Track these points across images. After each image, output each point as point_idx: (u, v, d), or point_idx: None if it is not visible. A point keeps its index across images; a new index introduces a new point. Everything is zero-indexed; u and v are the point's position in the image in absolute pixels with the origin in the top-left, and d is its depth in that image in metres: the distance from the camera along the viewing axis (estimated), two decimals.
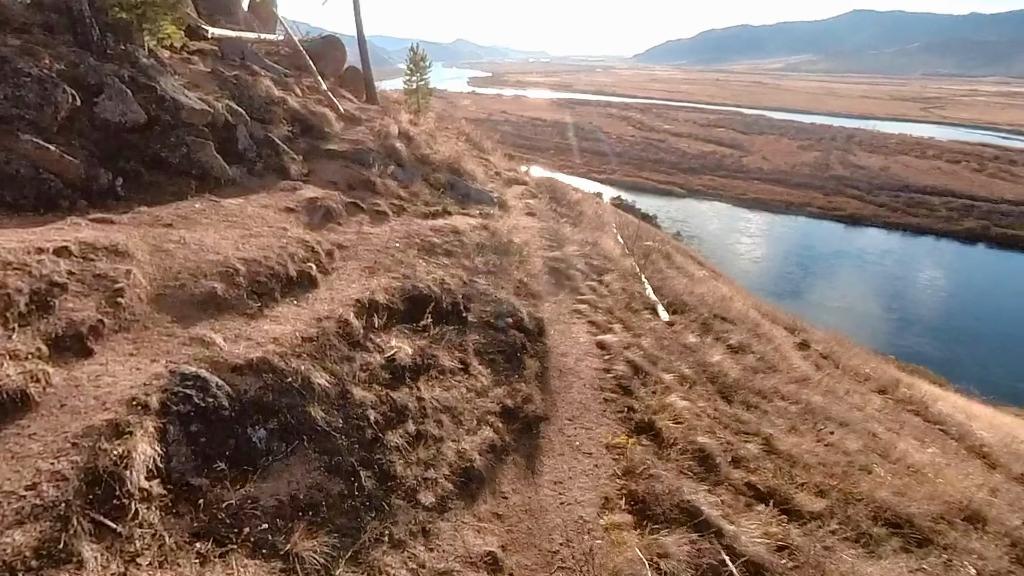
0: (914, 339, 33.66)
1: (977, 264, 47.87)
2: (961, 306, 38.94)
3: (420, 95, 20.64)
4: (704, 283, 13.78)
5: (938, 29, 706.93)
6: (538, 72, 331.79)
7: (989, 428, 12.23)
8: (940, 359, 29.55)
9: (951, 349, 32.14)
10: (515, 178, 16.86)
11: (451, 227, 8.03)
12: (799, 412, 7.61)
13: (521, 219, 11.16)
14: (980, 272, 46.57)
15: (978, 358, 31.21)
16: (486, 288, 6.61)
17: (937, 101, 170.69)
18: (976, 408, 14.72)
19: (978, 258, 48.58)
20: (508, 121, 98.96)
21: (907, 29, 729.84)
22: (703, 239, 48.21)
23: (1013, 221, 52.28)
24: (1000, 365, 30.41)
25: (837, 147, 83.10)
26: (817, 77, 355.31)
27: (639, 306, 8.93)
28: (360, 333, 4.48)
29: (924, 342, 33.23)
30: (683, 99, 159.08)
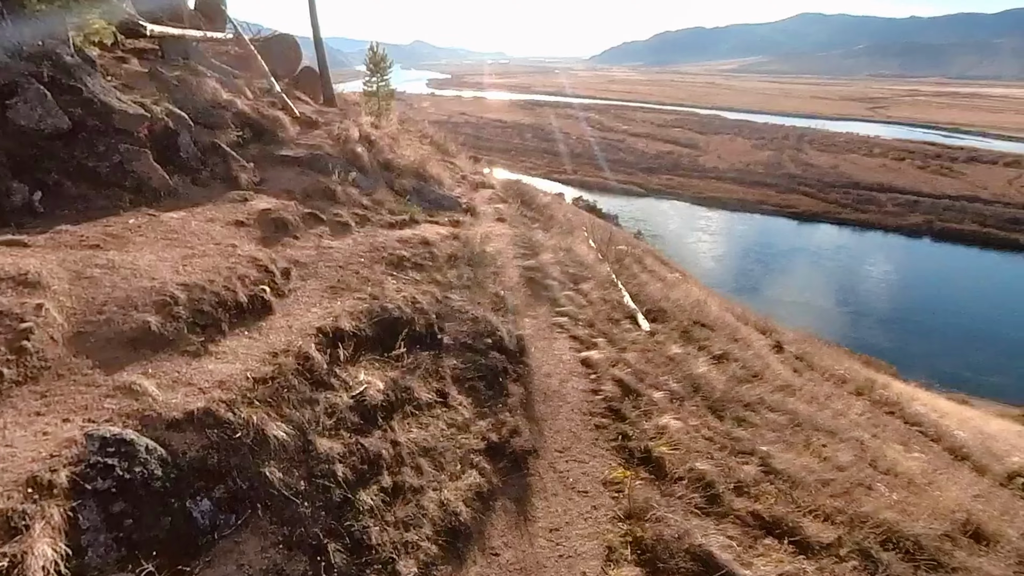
0: (866, 331, 34.61)
1: (923, 257, 49.71)
2: (910, 298, 40.29)
3: (381, 97, 19.92)
4: (678, 287, 13.54)
5: (881, 32, 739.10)
6: (497, 73, 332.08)
7: (960, 425, 12.34)
8: (891, 349, 30.40)
9: (901, 339, 33.13)
10: (482, 182, 16.34)
11: (420, 237, 7.47)
12: (788, 423, 7.33)
13: (492, 225, 10.65)
14: (926, 265, 48.38)
15: (927, 347, 32.25)
16: (461, 305, 6.08)
17: (882, 101, 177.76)
18: (943, 403, 14.93)
19: (924, 251, 50.46)
20: (469, 123, 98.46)
21: (852, 32, 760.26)
22: (665, 238, 48.71)
23: (955, 216, 54.52)
24: (947, 353, 31.46)
25: (789, 146, 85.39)
26: (769, 78, 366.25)
27: (619, 315, 8.53)
28: (323, 368, 3.89)
29: (876, 333, 34.20)
30: (640, 100, 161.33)
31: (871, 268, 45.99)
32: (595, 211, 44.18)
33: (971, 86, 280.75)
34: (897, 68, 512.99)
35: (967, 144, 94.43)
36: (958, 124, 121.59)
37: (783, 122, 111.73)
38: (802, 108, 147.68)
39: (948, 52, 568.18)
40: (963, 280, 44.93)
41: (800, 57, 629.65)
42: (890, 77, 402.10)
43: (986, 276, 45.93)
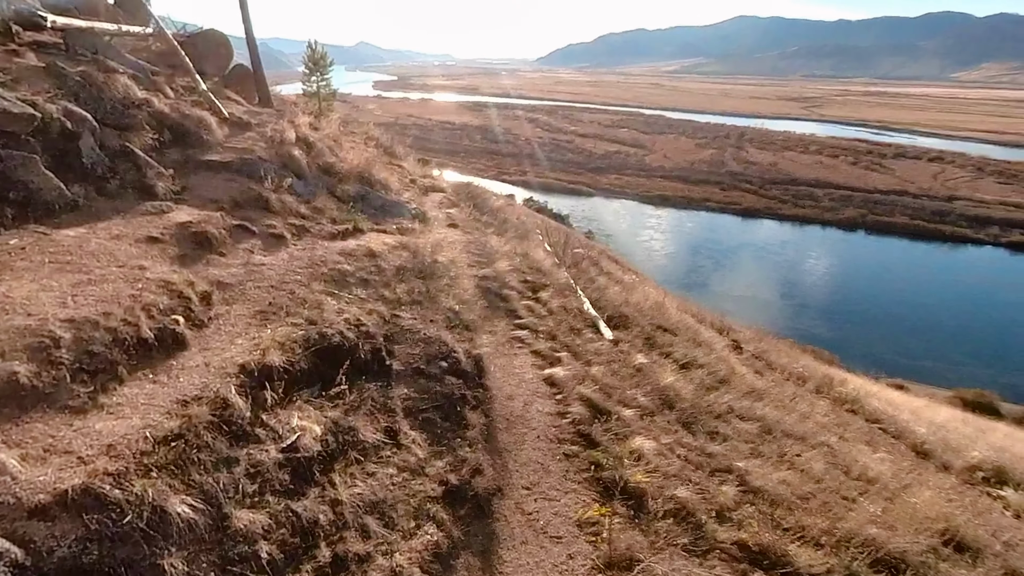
0: (809, 321, 35.77)
1: (859, 249, 51.94)
2: (848, 289, 41.97)
3: (322, 98, 18.96)
4: (636, 289, 13.29)
5: (812, 34, 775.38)
6: (444, 75, 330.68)
7: (914, 417, 12.53)
8: (832, 339, 31.46)
9: (841, 329, 34.38)
10: (432, 185, 15.70)
11: (365, 249, 6.82)
12: (759, 431, 7.07)
13: (444, 232, 10.07)
14: (862, 257, 50.58)
15: (864, 336, 33.57)
16: (413, 324, 5.49)
17: (815, 101, 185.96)
18: (893, 395, 15.25)
19: (859, 244, 52.73)
20: (416, 125, 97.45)
21: (786, 34, 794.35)
22: (617, 237, 49.17)
23: (886, 209, 57.33)
24: (883, 341, 32.81)
25: (731, 145, 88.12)
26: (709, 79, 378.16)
27: (580, 324, 8.12)
28: (246, 417, 3.25)
29: (818, 324, 35.38)
30: (587, 101, 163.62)
31: (812, 261, 47.71)
32: (547, 212, 44.08)
33: (897, 86, 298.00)
34: (829, 69, 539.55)
35: (895, 141, 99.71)
36: (886, 122, 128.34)
37: (724, 121, 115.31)
38: (742, 108, 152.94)
39: (875, 54, 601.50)
40: (896, 270, 47.16)
41: (738, 59, 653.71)
42: (822, 78, 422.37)
43: (916, 266, 48.32)
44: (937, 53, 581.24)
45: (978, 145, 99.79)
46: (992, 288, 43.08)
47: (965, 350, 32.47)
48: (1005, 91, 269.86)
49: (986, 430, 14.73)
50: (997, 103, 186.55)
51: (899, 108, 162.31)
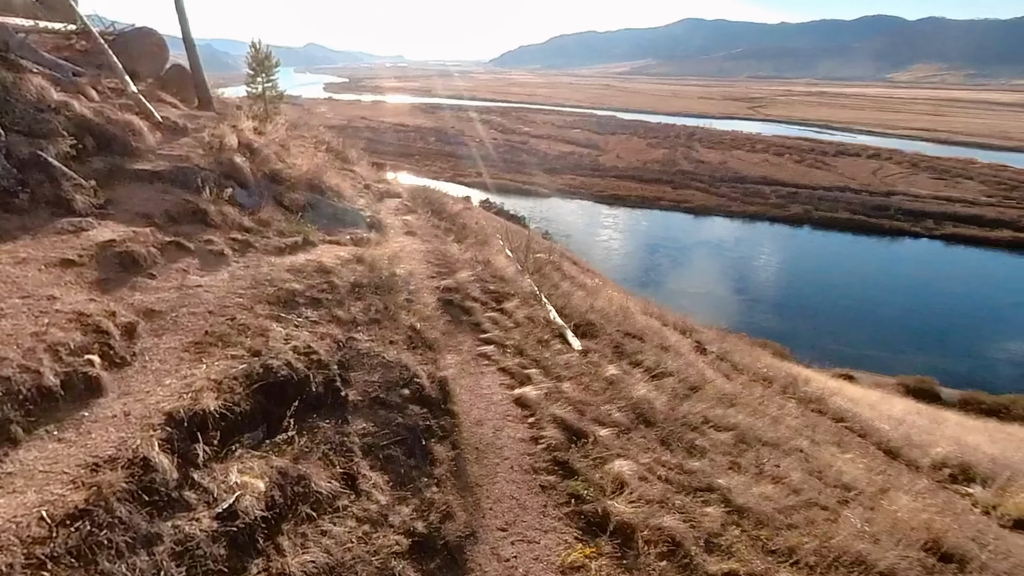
0: (761, 315, 36.62)
1: (806, 244, 53.65)
2: (796, 282, 43.21)
3: (268, 100, 18.06)
4: (600, 294, 13.07)
5: (757, 36, 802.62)
6: (397, 77, 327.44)
7: (873, 411, 12.73)
8: (783, 331, 32.24)
9: (791, 322, 35.29)
10: (387, 190, 15.13)
11: (316, 264, 6.29)
12: (734, 441, 6.88)
13: (402, 241, 9.57)
14: (809, 251, 52.27)
15: (813, 327, 34.56)
16: (370, 347, 5.02)
17: (760, 101, 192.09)
18: (851, 389, 15.53)
19: (806, 239, 54.47)
20: (369, 127, 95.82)
21: (731, 36, 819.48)
22: (575, 237, 49.32)
23: (829, 205, 59.47)
24: (830, 332, 33.82)
25: (681, 144, 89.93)
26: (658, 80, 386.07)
27: (548, 335, 7.77)
28: (172, 478, 2.74)
29: (770, 317, 36.25)
30: (540, 102, 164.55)
31: (762, 257, 48.98)
32: (505, 214, 43.80)
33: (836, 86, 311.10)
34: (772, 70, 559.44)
35: (836, 139, 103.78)
36: (827, 121, 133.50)
37: (674, 122, 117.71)
38: (691, 108, 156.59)
39: (815, 55, 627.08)
40: (841, 264, 48.90)
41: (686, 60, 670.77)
42: (766, 79, 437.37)
43: (859, 259, 50.22)
44: (872, 55, 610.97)
45: (912, 142, 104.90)
46: (929, 279, 45.13)
47: (906, 338, 33.78)
48: (935, 91, 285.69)
49: (939, 421, 15.16)
50: (928, 102, 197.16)
51: (838, 107, 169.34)
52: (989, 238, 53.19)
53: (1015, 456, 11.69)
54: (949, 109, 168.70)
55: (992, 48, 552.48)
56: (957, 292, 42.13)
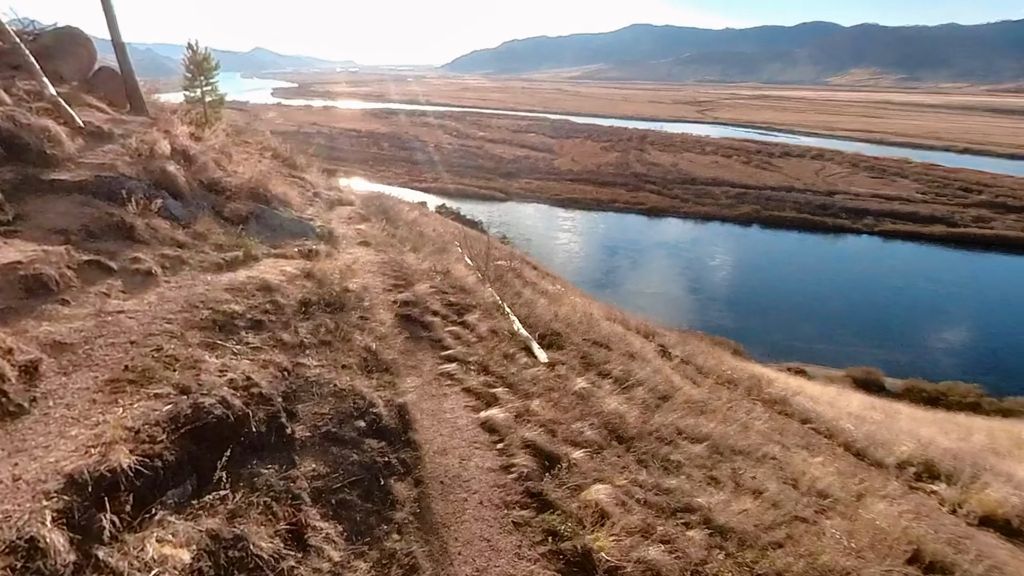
0: (715, 313, 37.35)
1: (756, 243, 55.20)
2: (747, 280, 44.37)
3: (208, 104, 17.13)
4: (563, 301, 12.80)
5: (703, 41, 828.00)
6: (348, 82, 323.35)
7: (833, 409, 12.86)
8: (736, 328, 32.93)
9: (743, 319, 36.12)
10: (339, 198, 14.48)
11: (259, 281, 5.74)
12: (708, 453, 6.66)
13: (355, 252, 9.04)
14: (759, 249, 53.81)
15: (764, 323, 35.46)
16: (320, 373, 4.54)
17: (708, 104, 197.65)
18: (811, 387, 15.74)
19: (756, 237, 56.06)
20: (320, 133, 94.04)
21: (679, 41, 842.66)
22: (533, 241, 49.35)
23: (776, 204, 61.52)
24: (781, 328, 34.76)
25: (634, 147, 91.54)
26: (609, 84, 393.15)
27: (513, 348, 7.40)
28: (69, 562, 2.23)
29: (723, 315, 37.02)
30: (494, 107, 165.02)
31: (715, 256, 50.12)
32: (462, 219, 43.33)
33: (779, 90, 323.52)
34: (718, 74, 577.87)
35: (780, 141, 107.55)
36: (771, 123, 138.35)
37: (626, 125, 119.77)
38: (642, 111, 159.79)
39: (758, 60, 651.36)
40: (789, 261, 50.49)
41: (635, 65, 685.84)
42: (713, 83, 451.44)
43: (806, 256, 51.97)
44: (811, 59, 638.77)
45: (851, 143, 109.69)
46: (871, 274, 47.09)
47: (852, 331, 35.02)
48: (870, 94, 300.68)
49: (892, 415, 15.51)
50: (865, 105, 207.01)
51: (782, 110, 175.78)
52: (924, 233, 55.91)
53: (967, 448, 12.00)
54: (884, 111, 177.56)
55: (920, 53, 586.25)
56: (898, 286, 44.02)
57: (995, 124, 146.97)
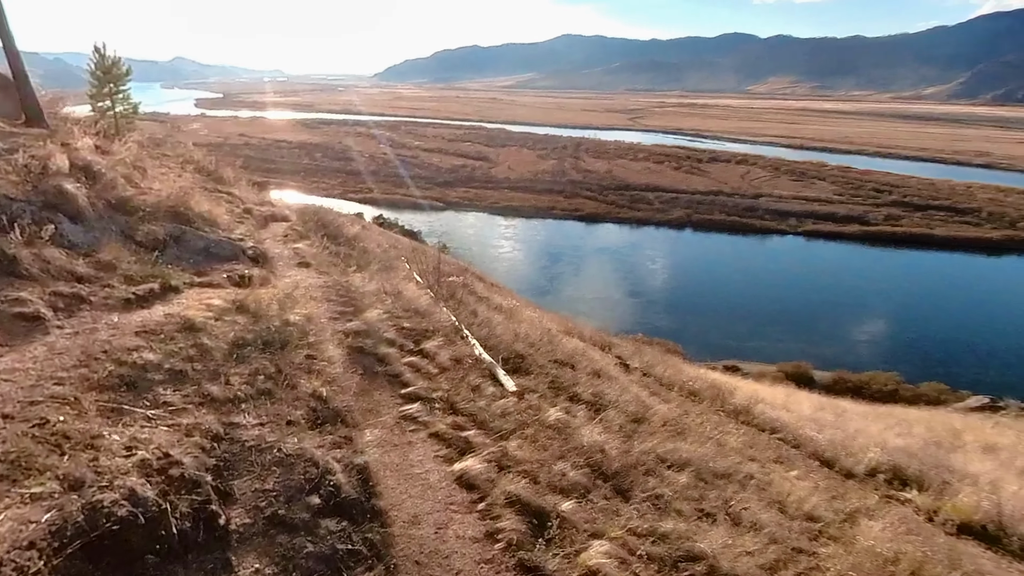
0: (654, 315, 38.02)
1: (690, 245, 56.91)
2: (684, 282, 45.58)
3: (119, 114, 15.57)
4: (519, 316, 12.22)
5: (631, 51, 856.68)
6: (276, 92, 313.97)
7: (788, 413, 12.86)
8: (675, 329, 33.60)
9: (681, 319, 36.95)
10: (273, 213, 13.36)
11: (180, 319, 4.82)
12: (693, 482, 6.21)
13: (294, 275, 8.11)
14: (693, 252, 55.49)
15: (700, 324, 36.41)
16: (260, 435, 3.72)
17: (638, 112, 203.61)
18: (765, 391, 15.82)
19: (689, 240, 57.80)
20: (249, 144, 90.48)
21: (608, 51, 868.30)
22: (475, 251, 48.87)
23: (707, 208, 63.83)
24: (716, 327, 35.77)
25: (569, 155, 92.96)
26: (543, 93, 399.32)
27: (478, 378, 6.73)
28: None
29: (662, 317, 37.72)
30: (429, 116, 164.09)
31: (651, 259, 51.23)
32: (402, 230, 42.20)
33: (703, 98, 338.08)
34: (647, 83, 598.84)
35: (707, 147, 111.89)
36: (698, 130, 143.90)
37: (561, 133, 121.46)
38: (575, 120, 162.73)
39: (684, 69, 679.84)
40: (721, 262, 52.26)
41: (567, 74, 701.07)
42: (642, 91, 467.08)
43: (737, 257, 53.95)
44: (733, 69, 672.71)
45: (772, 148, 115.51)
46: (796, 271, 49.39)
47: (781, 328, 36.44)
48: (787, 101, 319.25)
49: (841, 414, 15.81)
50: (783, 112, 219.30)
51: (707, 117, 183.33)
52: (842, 232, 59.29)
53: (915, 444, 12.24)
54: (801, 118, 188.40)
55: (831, 63, 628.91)
56: (822, 283, 46.29)
57: (899, 129, 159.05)
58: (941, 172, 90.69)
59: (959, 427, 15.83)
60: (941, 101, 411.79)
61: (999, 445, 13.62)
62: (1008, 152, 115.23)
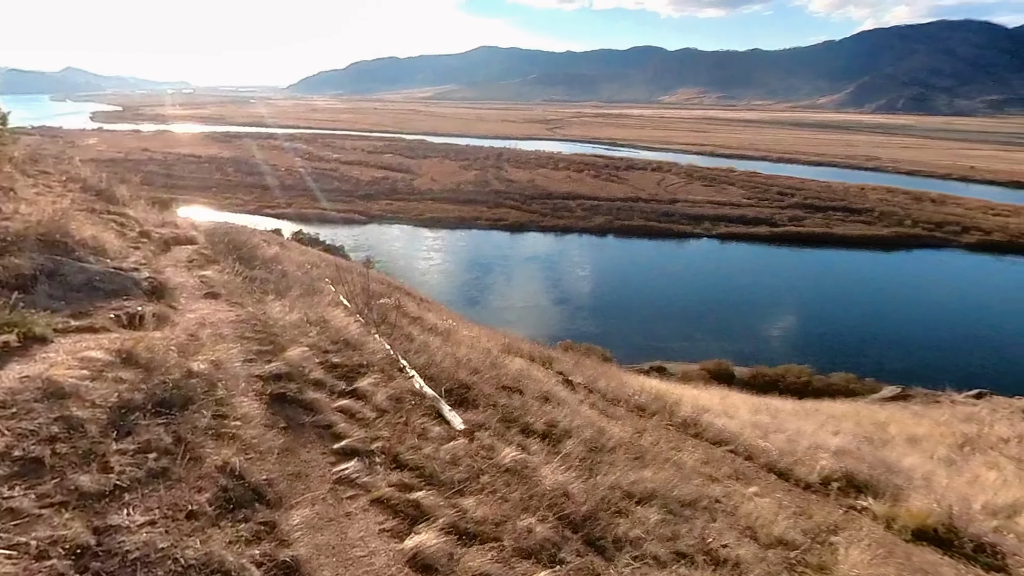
0: (582, 321, 38.45)
1: (613, 251, 58.30)
2: (609, 287, 46.52)
3: None
4: (457, 337, 11.49)
5: (547, 63, 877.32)
6: (182, 104, 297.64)
7: (733, 421, 12.84)
8: (602, 334, 34.08)
9: (607, 324, 37.58)
10: (176, 235, 11.91)
11: (42, 383, 3.79)
12: (662, 516, 5.77)
13: (200, 310, 7.01)
14: (616, 257, 56.84)
15: (626, 327, 37.18)
16: (148, 540, 2.83)
17: (557, 122, 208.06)
18: (704, 398, 15.87)
19: (612, 246, 59.23)
20: (154, 160, 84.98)
21: (525, 63, 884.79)
22: (400, 264, 47.80)
23: (626, 214, 65.85)
24: (641, 330, 36.62)
25: (491, 165, 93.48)
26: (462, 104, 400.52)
27: (422, 417, 5.97)
28: None
29: (589, 322, 38.22)
30: (347, 128, 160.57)
31: (576, 266, 51.99)
32: (323, 246, 40.35)
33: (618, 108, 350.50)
34: (564, 94, 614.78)
35: (624, 155, 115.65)
36: (615, 139, 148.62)
37: (482, 144, 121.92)
38: (496, 130, 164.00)
39: (598, 80, 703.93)
40: (643, 266, 53.80)
41: (485, 85, 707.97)
42: (559, 102, 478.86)
43: (657, 260, 55.75)
44: (643, 80, 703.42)
45: (685, 156, 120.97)
46: (712, 271, 51.64)
47: (701, 327, 37.81)
48: (696, 111, 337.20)
49: (776, 414, 16.12)
50: (693, 121, 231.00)
51: (622, 127, 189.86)
52: (753, 234, 62.73)
53: (850, 443, 12.53)
54: (709, 126, 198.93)
55: (733, 75, 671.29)
56: (740, 283, 48.48)
57: (798, 136, 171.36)
58: (836, 175, 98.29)
59: (883, 419, 16.53)
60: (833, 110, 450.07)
61: (920, 435, 14.25)
62: (893, 156, 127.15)
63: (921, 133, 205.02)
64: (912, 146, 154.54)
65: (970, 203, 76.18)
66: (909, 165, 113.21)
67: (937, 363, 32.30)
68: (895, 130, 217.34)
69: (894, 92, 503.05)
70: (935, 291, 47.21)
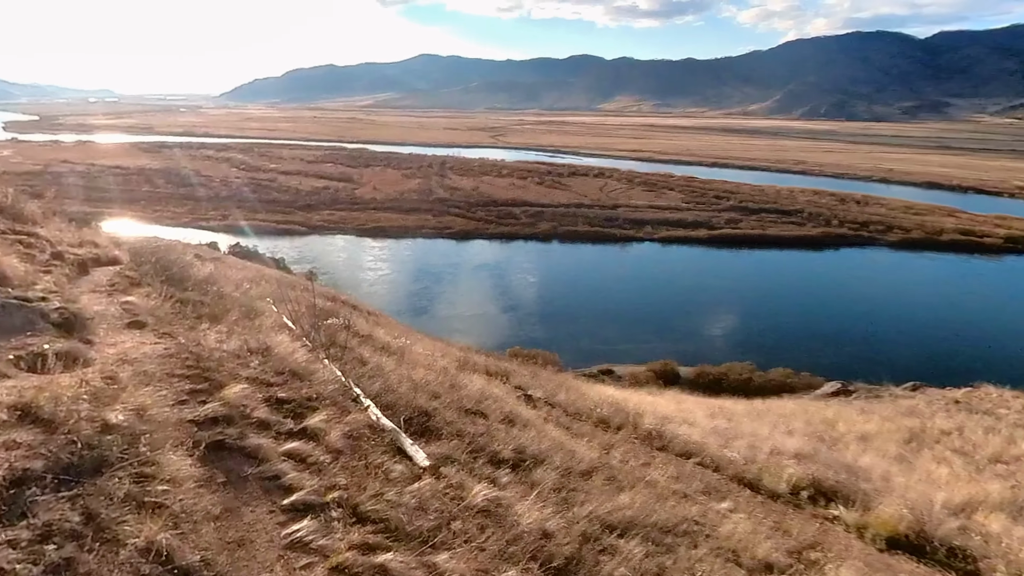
0: (530, 327, 38.45)
1: (559, 257, 58.79)
2: (555, 292, 46.84)
3: None
4: (412, 356, 10.88)
5: (488, 71, 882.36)
6: (105, 113, 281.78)
7: (693, 429, 12.76)
8: (549, 339, 34.17)
9: (554, 329, 37.75)
10: (95, 255, 10.81)
11: None
12: (645, 550, 5.40)
13: (121, 344, 6.17)
14: (562, 262, 57.32)
15: (573, 331, 37.42)
16: None
17: (499, 130, 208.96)
18: (661, 405, 15.80)
19: (558, 251, 59.75)
20: (75, 172, 79.90)
21: (465, 71, 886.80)
22: (345, 276, 46.47)
23: (571, 220, 66.73)
24: (587, 334, 36.95)
25: (435, 173, 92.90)
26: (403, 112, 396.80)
27: (380, 455, 5.41)
28: None
29: (537, 328, 38.26)
30: (284, 137, 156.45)
31: (523, 273, 52.09)
32: (262, 259, 38.64)
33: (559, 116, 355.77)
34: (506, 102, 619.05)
35: (566, 162, 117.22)
36: (557, 146, 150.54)
37: (425, 152, 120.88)
38: (439, 138, 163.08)
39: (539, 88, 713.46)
40: (588, 270, 54.45)
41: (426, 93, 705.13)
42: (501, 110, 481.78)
43: (602, 264, 56.58)
44: (583, 88, 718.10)
45: (625, 161, 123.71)
46: (655, 274, 52.84)
47: (646, 328, 38.51)
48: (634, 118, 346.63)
49: (731, 417, 16.25)
50: (632, 128, 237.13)
51: (564, 134, 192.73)
52: (692, 236, 64.69)
53: (806, 445, 12.68)
54: (647, 133, 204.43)
55: (668, 83, 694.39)
56: (680, 284, 49.73)
57: (731, 142, 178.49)
58: (767, 179, 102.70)
59: (830, 416, 16.92)
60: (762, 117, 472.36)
61: (870, 433, 14.61)
62: (818, 160, 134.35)
63: (843, 138, 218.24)
64: (835, 150, 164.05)
65: (892, 203, 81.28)
66: (834, 168, 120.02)
67: (868, 356, 33.92)
68: (820, 135, 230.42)
69: (817, 99, 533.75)
70: (863, 287, 49.87)
